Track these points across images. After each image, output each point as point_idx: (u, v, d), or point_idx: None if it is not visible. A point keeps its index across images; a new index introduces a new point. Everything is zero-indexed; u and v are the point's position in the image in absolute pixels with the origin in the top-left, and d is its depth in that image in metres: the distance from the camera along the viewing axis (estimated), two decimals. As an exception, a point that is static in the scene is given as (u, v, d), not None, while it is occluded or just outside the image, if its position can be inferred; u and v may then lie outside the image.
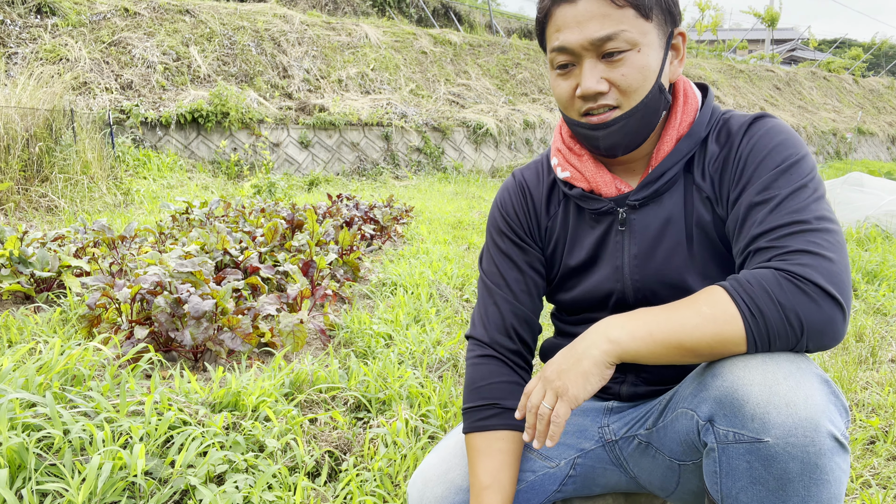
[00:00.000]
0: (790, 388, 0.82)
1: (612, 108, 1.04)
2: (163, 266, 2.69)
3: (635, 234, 1.12)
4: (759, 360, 0.86)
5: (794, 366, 0.85)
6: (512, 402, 1.15)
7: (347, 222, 5.08)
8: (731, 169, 1.04)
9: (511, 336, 1.20)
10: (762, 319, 0.86)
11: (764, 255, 0.92)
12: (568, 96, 1.06)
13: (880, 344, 2.87)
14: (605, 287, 1.16)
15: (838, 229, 0.93)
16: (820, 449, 0.79)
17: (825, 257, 0.88)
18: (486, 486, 1.08)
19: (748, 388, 0.83)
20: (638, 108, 1.03)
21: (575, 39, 1.00)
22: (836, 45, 36.29)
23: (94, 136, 7.41)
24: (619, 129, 1.05)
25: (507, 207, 1.26)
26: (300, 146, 10.57)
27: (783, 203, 0.95)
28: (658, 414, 1.08)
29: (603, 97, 1.03)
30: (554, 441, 0.95)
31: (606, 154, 1.10)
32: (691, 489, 1.05)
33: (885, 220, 5.54)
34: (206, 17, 11.43)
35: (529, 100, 14.80)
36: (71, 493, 1.30)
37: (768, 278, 0.87)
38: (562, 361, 0.96)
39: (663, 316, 0.92)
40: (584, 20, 0.99)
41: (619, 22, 0.98)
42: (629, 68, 1.01)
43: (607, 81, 1.02)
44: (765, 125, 1.04)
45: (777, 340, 0.86)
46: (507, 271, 1.23)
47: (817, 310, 0.85)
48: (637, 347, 0.92)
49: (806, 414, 0.80)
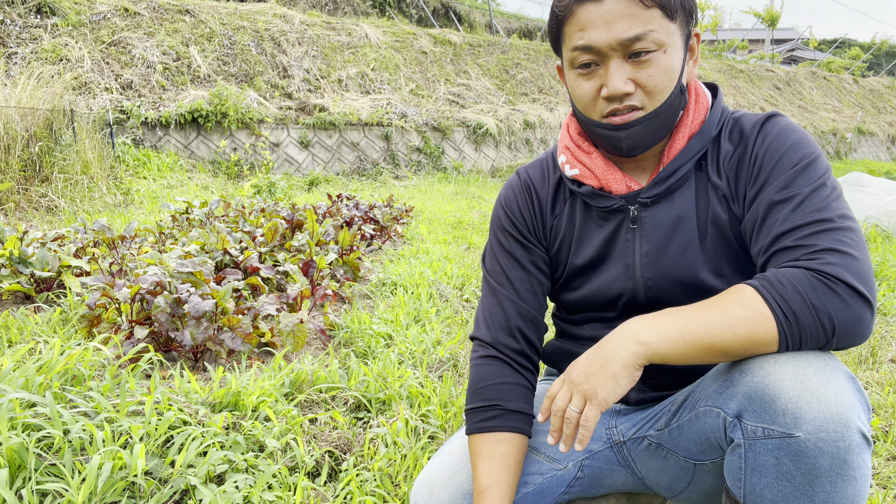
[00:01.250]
0: (821, 384, 0.82)
1: (637, 108, 1.03)
2: (163, 266, 2.69)
3: (647, 231, 1.11)
4: (788, 357, 0.86)
5: (822, 363, 0.85)
6: (515, 403, 1.14)
7: (347, 222, 5.07)
8: (748, 167, 1.04)
9: (515, 336, 1.18)
10: (795, 321, 0.86)
11: (791, 254, 0.92)
12: (590, 97, 1.05)
13: (880, 344, 2.87)
14: (615, 286, 1.14)
15: (859, 227, 0.94)
16: (849, 444, 0.79)
17: (852, 255, 0.89)
18: (484, 489, 1.07)
19: (780, 384, 0.83)
20: (661, 108, 1.03)
21: (602, 39, 0.99)
22: (836, 45, 36.28)
23: (94, 136, 7.41)
24: (643, 129, 1.04)
25: (512, 206, 1.24)
26: (300, 146, 10.57)
27: (805, 202, 0.95)
28: (671, 415, 1.08)
29: (629, 98, 1.02)
30: (583, 445, 0.93)
31: (627, 154, 1.09)
32: (703, 488, 1.05)
33: (885, 220, 5.54)
34: (206, 17, 11.43)
35: (529, 100, 14.80)
36: (71, 493, 1.30)
37: (800, 279, 0.87)
38: (588, 364, 0.95)
39: (695, 317, 0.91)
40: (612, 19, 0.98)
41: (647, 22, 0.98)
42: (656, 69, 1.00)
43: (633, 82, 1.01)
44: (778, 124, 1.05)
45: (808, 341, 0.87)
46: (511, 270, 1.21)
47: (848, 310, 0.86)
48: (668, 349, 0.91)
49: (837, 409, 0.80)
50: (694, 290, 1.08)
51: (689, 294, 1.08)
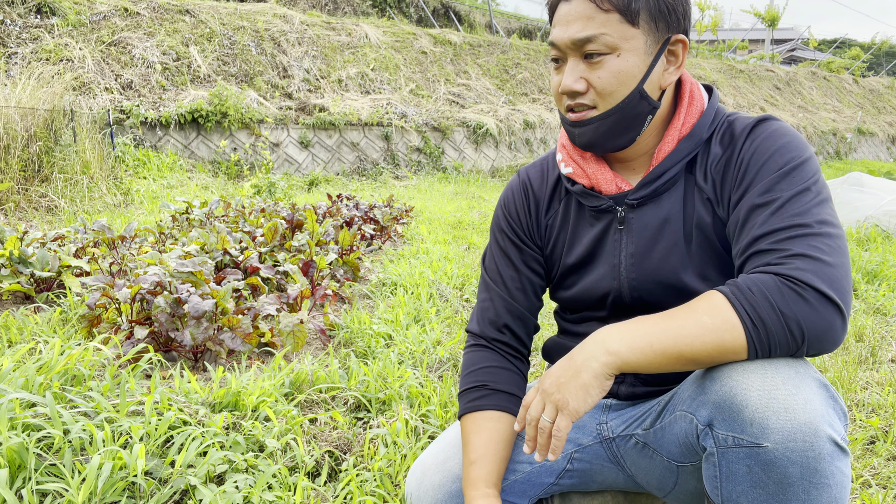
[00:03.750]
0: (789, 393, 0.82)
1: (590, 107, 1.06)
2: (163, 266, 2.69)
3: (633, 232, 1.12)
4: (757, 365, 0.86)
5: (792, 370, 0.85)
6: (503, 385, 1.19)
7: (347, 222, 5.07)
8: (734, 171, 1.04)
9: (502, 330, 1.24)
10: (763, 329, 0.86)
11: (764, 258, 0.92)
12: (555, 91, 1.10)
13: (880, 344, 2.87)
14: (601, 285, 1.16)
15: (840, 233, 0.93)
16: (819, 453, 0.79)
17: (825, 262, 0.88)
18: (473, 461, 1.10)
19: (747, 394, 0.83)
20: (614, 111, 1.05)
21: (560, 37, 1.04)
22: (836, 45, 36.28)
23: (94, 136, 7.41)
24: (594, 129, 1.07)
25: (510, 206, 1.29)
26: (300, 146, 10.57)
27: (785, 206, 0.95)
28: (656, 415, 1.08)
29: (581, 96, 1.06)
30: (556, 455, 0.94)
31: (586, 150, 1.13)
32: (689, 489, 1.06)
33: (885, 220, 5.54)
34: (206, 17, 11.43)
35: (529, 100, 14.80)
36: (71, 493, 1.30)
37: (769, 285, 0.87)
38: (560, 374, 0.95)
39: (663, 325, 0.91)
40: (572, 20, 1.02)
41: (601, 25, 1.00)
42: (605, 72, 1.03)
43: (586, 81, 1.04)
44: (768, 128, 1.04)
45: (777, 348, 0.86)
46: (504, 269, 1.27)
47: (817, 317, 0.85)
48: (637, 359, 0.91)
49: (805, 419, 0.80)
50: (677, 293, 1.08)
51: (673, 296, 1.08)
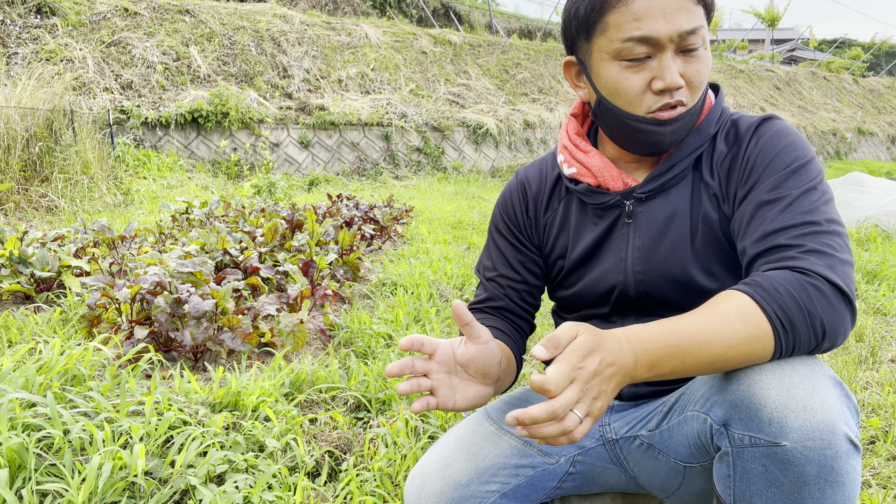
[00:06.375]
0: (807, 392, 0.82)
1: (681, 103, 1.02)
2: (163, 266, 2.69)
3: (641, 226, 1.12)
4: (774, 365, 0.86)
5: (809, 369, 0.85)
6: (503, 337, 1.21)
7: (347, 222, 5.07)
8: (739, 168, 1.05)
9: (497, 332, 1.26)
10: (792, 332, 0.85)
11: (779, 253, 0.92)
12: (639, 90, 1.02)
13: (880, 344, 2.87)
14: (607, 280, 1.16)
15: (846, 233, 0.94)
16: (836, 451, 0.79)
17: (839, 258, 0.89)
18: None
19: (765, 393, 0.83)
20: (698, 104, 1.04)
21: (664, 30, 0.98)
22: (836, 45, 36.28)
23: (94, 136, 7.41)
24: (683, 125, 1.05)
25: (508, 207, 1.29)
26: (300, 146, 10.57)
27: (794, 203, 0.95)
28: (662, 416, 1.08)
29: (678, 92, 1.02)
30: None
31: (663, 151, 1.08)
32: (694, 490, 1.05)
33: (885, 220, 5.54)
34: (206, 17, 11.43)
35: (529, 100, 14.80)
36: (71, 493, 1.30)
37: (794, 284, 0.86)
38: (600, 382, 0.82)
39: (697, 339, 0.84)
40: (672, 11, 0.98)
41: (698, 17, 1.00)
42: (702, 65, 1.02)
43: (681, 76, 1.01)
44: (773, 126, 1.05)
45: (800, 349, 0.87)
46: (500, 267, 1.28)
47: (836, 313, 0.86)
48: (669, 370, 0.86)
49: (823, 417, 0.80)
50: (683, 287, 1.08)
51: (679, 291, 1.09)
